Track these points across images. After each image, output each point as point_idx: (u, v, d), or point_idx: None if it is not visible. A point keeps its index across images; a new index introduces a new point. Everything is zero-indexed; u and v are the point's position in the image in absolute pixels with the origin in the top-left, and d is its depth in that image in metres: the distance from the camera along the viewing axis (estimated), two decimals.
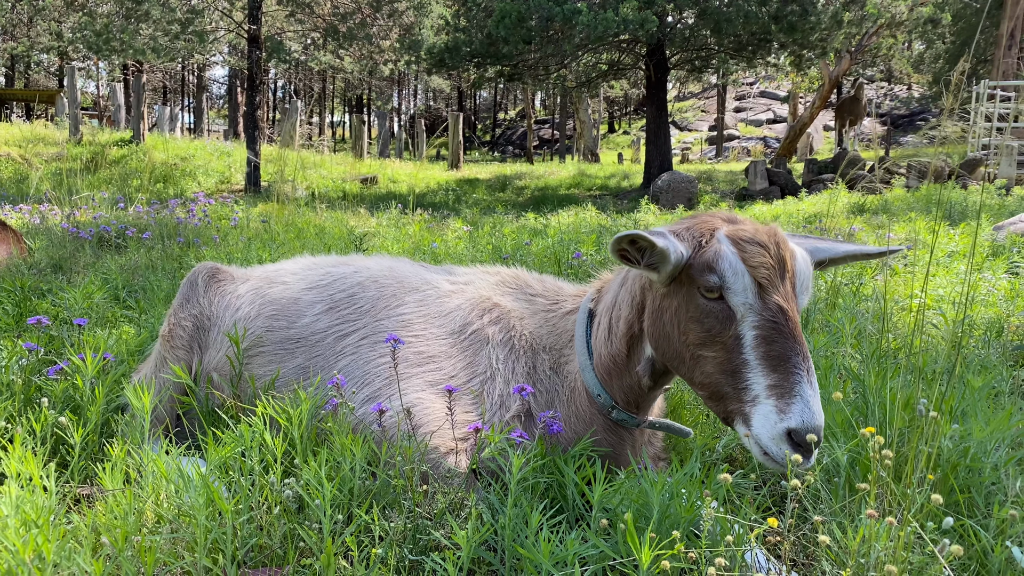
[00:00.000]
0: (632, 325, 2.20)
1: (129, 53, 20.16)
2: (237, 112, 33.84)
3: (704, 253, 1.94)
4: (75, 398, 2.60)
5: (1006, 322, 3.89)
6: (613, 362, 2.25)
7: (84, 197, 9.74)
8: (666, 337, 2.06)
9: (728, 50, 21.02)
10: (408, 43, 22.73)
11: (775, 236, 1.97)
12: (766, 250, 1.91)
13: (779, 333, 1.84)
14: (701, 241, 1.98)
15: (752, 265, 1.89)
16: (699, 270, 1.92)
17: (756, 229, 1.98)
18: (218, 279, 2.94)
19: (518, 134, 61.09)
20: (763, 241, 1.93)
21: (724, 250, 1.92)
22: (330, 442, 2.15)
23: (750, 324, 1.87)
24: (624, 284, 2.28)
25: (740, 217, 2.12)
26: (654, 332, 2.11)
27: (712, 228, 2.01)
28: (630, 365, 2.23)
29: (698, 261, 1.94)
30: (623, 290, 2.27)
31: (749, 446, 1.85)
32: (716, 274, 1.90)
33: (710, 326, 1.92)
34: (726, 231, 1.98)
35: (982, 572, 1.80)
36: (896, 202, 11.58)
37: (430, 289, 2.67)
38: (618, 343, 2.23)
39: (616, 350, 2.23)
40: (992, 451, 2.09)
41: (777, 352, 1.82)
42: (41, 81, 51.88)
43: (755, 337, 1.86)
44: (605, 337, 2.27)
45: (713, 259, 1.91)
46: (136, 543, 1.66)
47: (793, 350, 1.82)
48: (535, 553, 1.64)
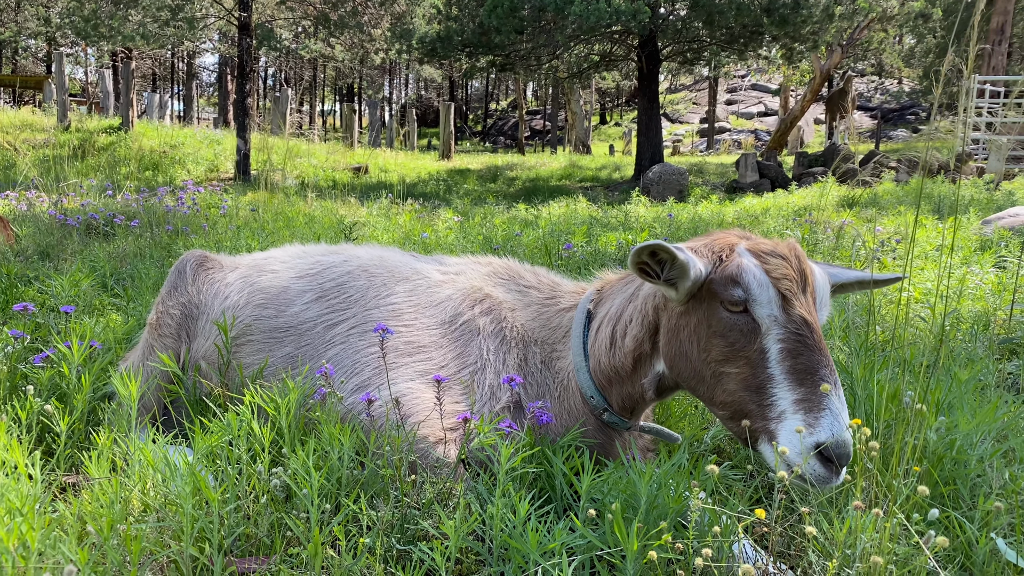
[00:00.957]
0: (642, 343, 2.18)
1: (118, 39, 19.98)
2: (227, 100, 33.63)
3: (727, 267, 1.93)
4: (61, 386, 2.59)
5: (993, 316, 3.92)
6: (615, 372, 2.24)
7: (72, 184, 9.67)
8: (684, 356, 2.04)
9: (720, 42, 21.02)
10: (400, 32, 22.63)
11: (795, 250, 1.97)
12: (787, 262, 1.91)
13: (805, 346, 1.82)
14: (721, 256, 1.97)
15: (775, 277, 1.88)
16: (722, 284, 1.91)
17: (776, 243, 1.99)
18: (206, 267, 2.92)
19: (509, 125, 60.96)
20: (784, 254, 1.93)
21: (747, 263, 1.91)
22: (318, 431, 2.14)
23: (775, 337, 1.85)
24: (632, 300, 2.25)
25: (754, 234, 2.12)
26: (670, 351, 2.09)
27: (731, 244, 2.01)
28: (634, 378, 2.22)
29: (721, 275, 1.93)
30: (631, 306, 2.24)
31: (771, 462, 1.81)
32: (741, 287, 1.89)
33: (734, 340, 1.90)
34: (746, 245, 1.98)
35: (967, 564, 1.81)
36: (886, 196, 11.63)
37: (420, 279, 2.66)
38: (623, 357, 2.21)
39: (620, 363, 2.22)
40: (978, 443, 2.11)
41: (803, 365, 1.80)
42: (29, 67, 51.43)
43: (780, 351, 1.84)
44: (607, 347, 2.25)
45: (737, 272, 1.90)
46: (122, 532, 1.65)
47: (820, 363, 1.79)
48: (523, 543, 1.64)
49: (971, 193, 10.79)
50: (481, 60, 22.39)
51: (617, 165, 26.68)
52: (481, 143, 55.65)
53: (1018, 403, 2.74)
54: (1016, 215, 7.22)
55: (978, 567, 1.75)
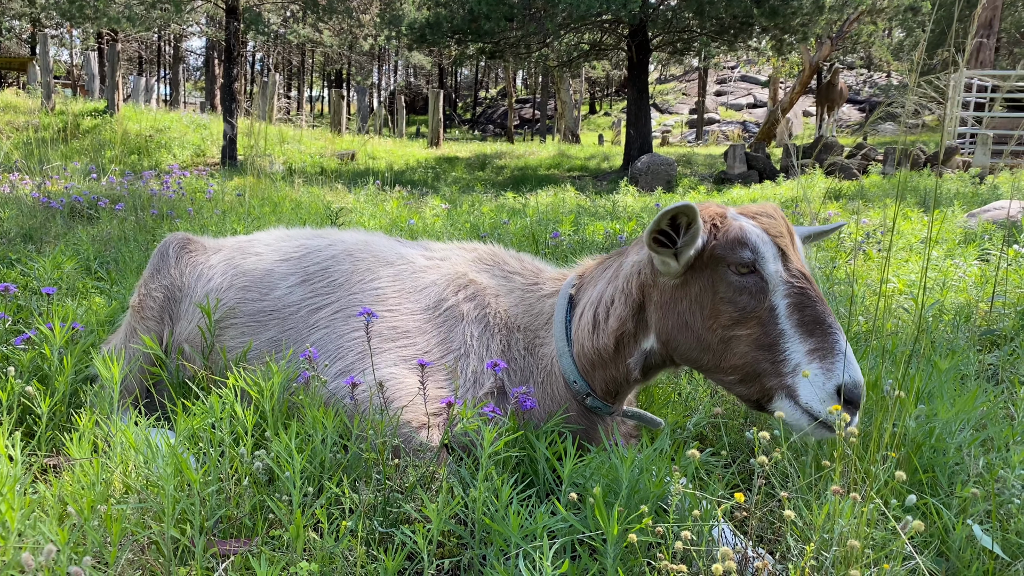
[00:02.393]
0: (625, 323, 2.18)
1: (103, 21, 19.74)
2: (214, 84, 33.36)
3: (728, 231, 1.96)
4: (43, 368, 2.57)
5: (975, 308, 3.95)
6: (598, 355, 2.24)
7: (56, 167, 9.59)
8: (685, 327, 2.05)
9: (710, 33, 21.00)
10: (389, 18, 22.49)
11: (777, 209, 2.05)
12: (776, 221, 2.00)
13: (808, 298, 1.89)
14: (715, 223, 2.00)
15: (773, 234, 1.96)
16: (728, 247, 1.95)
17: (761, 205, 2.06)
18: (189, 249, 2.90)
19: (499, 113, 60.80)
20: (771, 213, 2.02)
21: (747, 224, 1.97)
22: (302, 415, 2.14)
23: (782, 293, 1.91)
24: (613, 281, 2.25)
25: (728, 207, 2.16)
26: (667, 325, 2.08)
27: (719, 212, 2.05)
28: (618, 359, 2.22)
29: (725, 240, 1.96)
30: (611, 286, 2.24)
31: (792, 420, 1.84)
32: (748, 248, 1.93)
33: (744, 303, 1.93)
34: (736, 210, 2.05)
35: (943, 549, 1.83)
36: (872, 188, 11.68)
37: (405, 264, 2.65)
38: (606, 338, 2.21)
39: (603, 344, 2.22)
40: (957, 432, 2.13)
41: (811, 316, 1.86)
42: (13, 48, 50.74)
43: (788, 305, 1.90)
44: (590, 330, 2.26)
45: (742, 234, 1.95)
46: (103, 512, 1.64)
47: (825, 312, 1.87)
48: (504, 526, 1.65)
49: (957, 187, 10.86)
50: (471, 47, 22.28)
51: (606, 155, 26.66)
52: (470, 131, 55.49)
53: (997, 393, 2.77)
54: (1000, 208, 7.28)
55: (954, 553, 1.77)
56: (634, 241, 2.29)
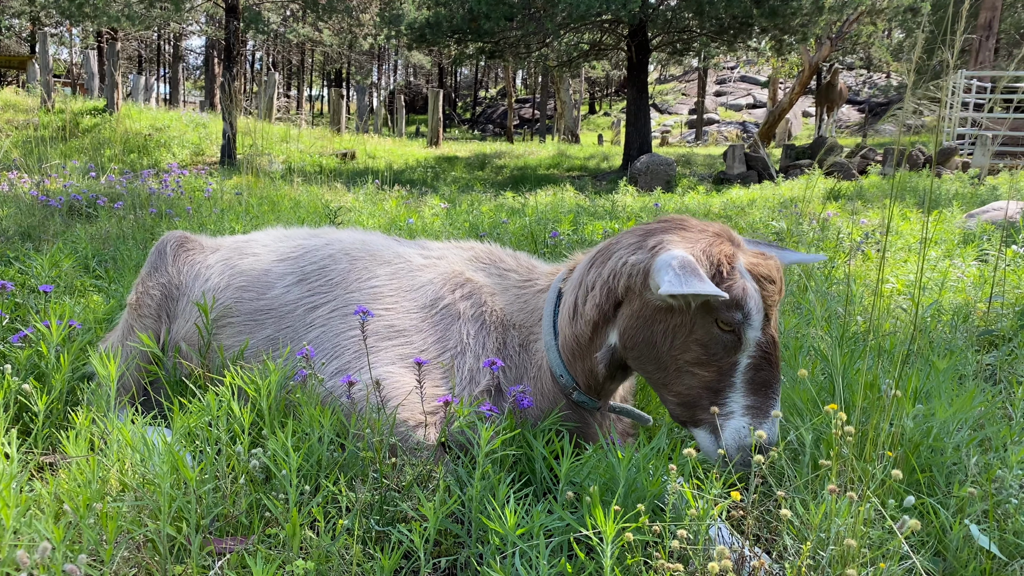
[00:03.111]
0: (601, 310, 2.17)
1: (103, 20, 19.72)
2: (213, 83, 33.35)
3: (731, 288, 1.95)
4: (40, 366, 2.57)
5: (973, 308, 3.95)
6: (576, 343, 2.24)
7: (55, 165, 9.58)
8: (650, 344, 2.06)
9: (710, 33, 20.99)
10: (388, 17, 22.48)
11: (780, 270, 2.06)
12: (776, 287, 2.02)
13: (767, 362, 1.98)
14: (720, 270, 1.98)
15: (768, 303, 1.99)
16: (723, 304, 1.94)
17: (768, 264, 2.04)
18: (187, 248, 2.90)
19: (498, 113, 60.80)
20: (774, 277, 2.02)
21: (751, 289, 1.97)
22: (298, 414, 2.14)
23: (748, 353, 1.98)
24: (598, 267, 2.21)
25: (738, 236, 2.14)
26: (634, 335, 2.09)
27: (729, 256, 2.01)
28: (591, 349, 2.22)
29: None
30: (594, 272, 2.22)
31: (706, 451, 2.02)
32: (742, 312, 1.95)
33: (715, 352, 1.98)
34: (746, 263, 2.02)
35: (940, 549, 1.83)
36: (871, 188, 11.68)
37: (402, 263, 2.65)
38: (583, 325, 2.21)
39: (580, 331, 2.22)
40: (954, 432, 2.13)
41: (762, 379, 1.97)
42: (12, 47, 50.70)
43: (748, 364, 1.97)
44: (570, 317, 2.25)
45: (742, 298, 1.95)
46: (98, 510, 1.64)
47: (775, 378, 1.98)
48: (501, 525, 1.64)
49: (956, 187, 10.86)
50: (470, 47, 22.27)
51: (605, 155, 26.67)
52: (470, 131, 55.49)
53: (995, 393, 2.77)
54: (999, 209, 7.28)
55: (951, 552, 1.77)
56: (628, 236, 2.22)
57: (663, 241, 2.07)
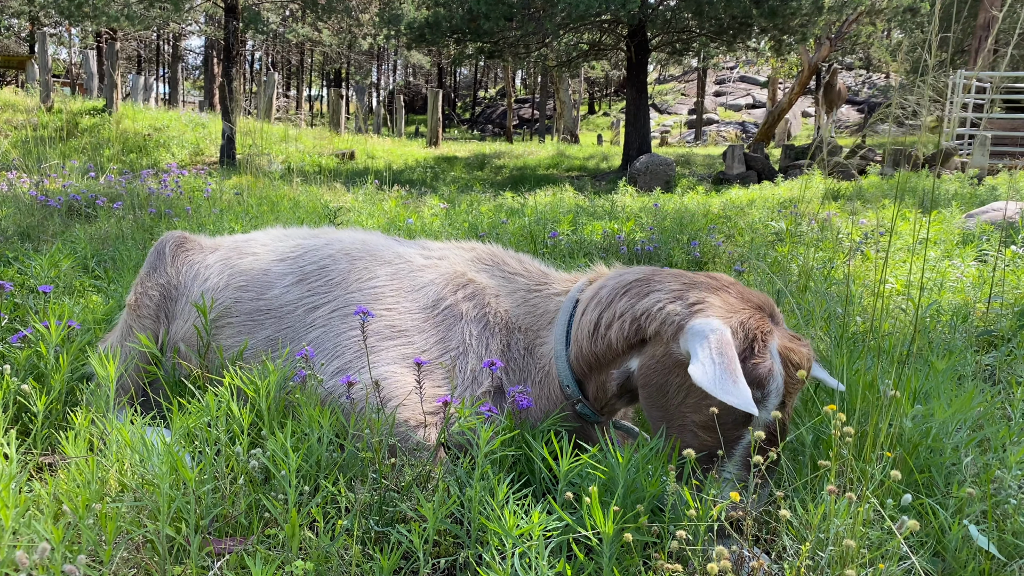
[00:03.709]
0: (630, 343, 2.14)
1: (102, 20, 19.70)
2: (213, 83, 33.32)
3: (758, 367, 1.93)
4: (39, 366, 2.57)
5: (972, 308, 3.95)
6: (595, 359, 2.22)
7: (54, 165, 9.57)
8: (663, 393, 2.04)
9: (709, 33, 21.00)
10: (388, 17, 22.47)
11: (811, 361, 2.02)
12: (803, 374, 1.96)
13: (771, 443, 1.94)
14: (754, 347, 1.95)
15: (789, 391, 1.96)
16: (746, 378, 1.90)
17: (801, 352, 1.99)
18: (186, 248, 2.90)
19: (498, 113, 60.80)
20: (804, 366, 1.98)
21: (777, 372, 1.94)
22: (298, 414, 2.14)
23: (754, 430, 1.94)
24: (634, 299, 2.16)
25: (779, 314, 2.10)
26: (650, 379, 2.07)
27: (765, 334, 1.98)
28: (609, 367, 2.20)
29: (751, 372, 1.92)
30: (625, 300, 2.17)
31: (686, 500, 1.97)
32: (763, 392, 1.92)
33: (724, 422, 1.94)
34: (779, 346, 1.98)
35: (939, 549, 1.83)
36: (871, 189, 11.68)
37: (403, 263, 2.64)
38: (603, 346, 2.18)
39: (600, 351, 2.19)
40: (953, 432, 2.13)
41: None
42: (11, 47, 50.65)
43: (751, 441, 1.92)
44: (589, 333, 2.22)
45: (767, 378, 1.92)
46: (98, 511, 1.64)
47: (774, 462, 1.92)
48: (500, 525, 1.64)
49: (955, 188, 10.86)
50: (470, 47, 22.27)
51: (605, 155, 26.67)
52: (469, 131, 55.48)
53: (994, 393, 2.77)
54: (998, 210, 7.28)
55: (951, 553, 1.77)
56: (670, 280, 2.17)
57: (704, 302, 2.03)
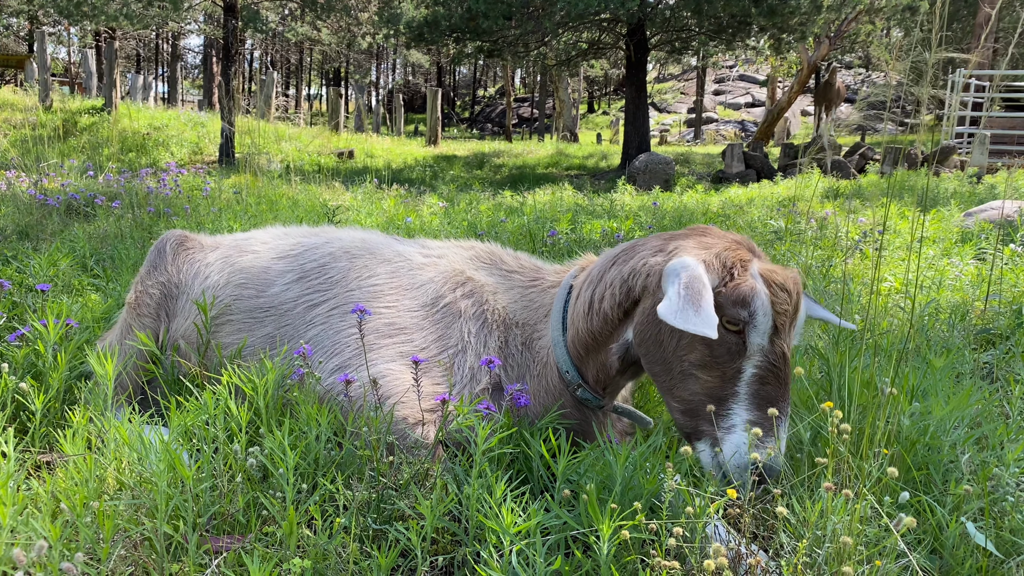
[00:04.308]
0: (623, 307, 2.17)
1: (101, 19, 19.69)
2: (212, 82, 33.30)
3: (739, 287, 1.95)
4: (37, 365, 2.57)
5: (971, 306, 3.95)
6: (592, 337, 2.24)
7: (53, 164, 9.57)
8: (658, 344, 2.06)
9: (708, 32, 20.98)
10: (387, 16, 22.45)
11: (798, 284, 2.03)
12: (790, 298, 1.97)
13: (775, 376, 1.93)
14: (732, 272, 1.98)
15: (778, 311, 1.95)
16: (730, 302, 1.94)
17: (785, 274, 2.02)
18: (187, 247, 2.90)
19: (497, 112, 60.76)
20: (790, 288, 1.99)
21: (760, 289, 1.95)
22: (296, 412, 2.14)
23: (754, 363, 1.94)
24: (619, 265, 2.21)
25: (760, 251, 2.13)
26: (646, 333, 2.09)
27: (743, 260, 2.01)
28: (607, 344, 2.22)
29: (731, 293, 1.95)
30: (615, 270, 2.21)
31: (705, 461, 1.96)
32: (748, 311, 1.93)
33: (719, 354, 1.95)
34: (760, 268, 2.00)
35: (937, 546, 1.83)
36: (869, 187, 11.68)
37: (402, 261, 2.65)
38: (598, 320, 2.21)
39: (596, 326, 2.21)
40: (951, 430, 2.13)
41: (767, 393, 1.92)
42: (10, 46, 50.61)
43: (753, 375, 1.93)
44: (584, 312, 2.24)
45: (749, 295, 1.93)
46: (95, 509, 1.64)
47: (782, 396, 1.92)
48: (498, 523, 1.64)
49: (954, 186, 10.86)
50: (469, 46, 22.25)
51: (604, 154, 26.66)
52: (468, 130, 55.46)
53: (992, 391, 2.77)
54: (997, 208, 7.28)
55: (948, 550, 1.77)
56: (653, 239, 2.23)
57: (681, 247, 2.08)
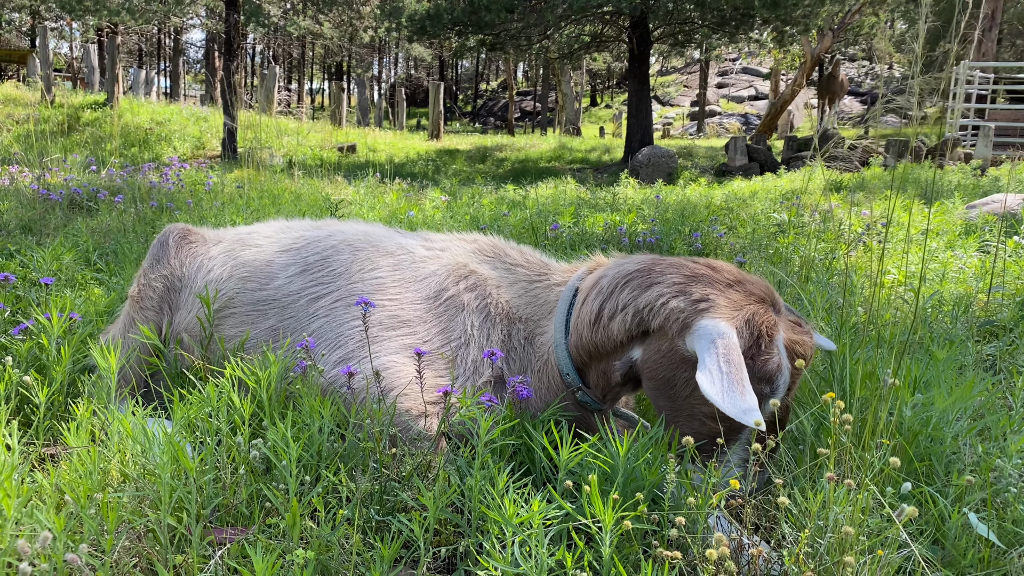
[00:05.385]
0: (632, 335, 2.14)
1: (103, 14, 19.71)
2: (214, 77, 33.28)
3: (767, 364, 1.96)
4: (41, 358, 2.57)
5: (974, 298, 3.95)
6: (594, 348, 2.23)
7: (55, 159, 9.58)
8: (670, 385, 2.05)
9: (711, 25, 20.93)
10: (389, 10, 22.42)
11: (813, 348, 2.08)
12: (806, 365, 2.02)
13: (776, 425, 1.98)
14: (760, 344, 1.97)
15: (794, 380, 2.01)
16: (755, 376, 1.94)
17: (805, 344, 2.04)
18: (189, 240, 2.91)
19: (499, 105, 60.65)
20: (807, 356, 2.04)
21: (784, 365, 1.98)
22: (299, 404, 2.14)
23: None
24: (636, 290, 2.15)
25: (779, 300, 2.10)
26: (656, 372, 2.07)
27: (771, 329, 2.00)
28: (610, 358, 2.21)
29: (759, 369, 1.96)
30: (627, 292, 2.16)
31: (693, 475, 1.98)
32: (771, 387, 1.96)
33: None
34: (785, 340, 2.02)
35: (939, 537, 1.84)
36: (873, 180, 11.67)
37: (405, 254, 2.65)
38: (604, 336, 2.18)
39: (600, 341, 2.20)
40: (953, 421, 2.13)
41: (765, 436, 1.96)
42: (12, 41, 50.61)
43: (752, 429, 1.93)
44: (590, 322, 2.22)
45: (775, 374, 1.97)
46: (99, 501, 1.65)
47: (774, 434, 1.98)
48: (500, 514, 1.65)
49: (958, 179, 10.83)
50: (471, 39, 22.22)
51: (607, 147, 26.62)
52: (471, 123, 55.39)
53: (995, 383, 2.77)
54: (1000, 201, 7.26)
55: (950, 541, 1.77)
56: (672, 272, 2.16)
57: (709, 299, 2.02)
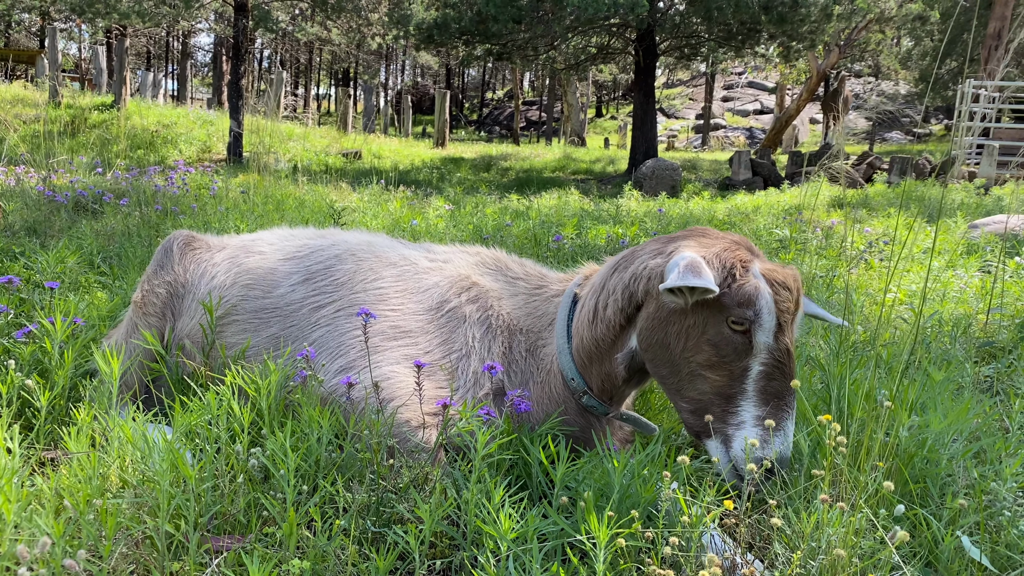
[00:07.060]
0: (626, 313, 2.21)
1: (113, 16, 19.80)
2: (221, 81, 33.42)
3: (743, 287, 2.00)
4: (43, 362, 2.59)
5: (974, 319, 3.95)
6: (596, 346, 2.26)
7: (62, 161, 9.61)
8: (664, 347, 2.10)
9: (717, 38, 21.00)
10: (397, 17, 22.50)
11: (798, 281, 2.09)
12: (791, 294, 2.03)
13: (781, 373, 1.99)
14: (734, 273, 2.03)
15: (781, 309, 2.01)
16: (735, 302, 1.99)
17: (785, 272, 2.07)
18: (194, 247, 2.92)
19: (505, 114, 60.78)
20: (791, 286, 2.05)
21: (763, 289, 2.00)
22: (298, 414, 2.15)
23: (760, 360, 1.99)
24: (620, 272, 2.26)
25: (758, 249, 2.18)
26: (651, 337, 2.13)
27: (744, 261, 2.06)
28: (612, 352, 2.24)
29: (736, 294, 2.00)
30: (616, 277, 2.26)
31: (716, 456, 2.01)
32: (753, 310, 1.98)
33: (725, 353, 2.01)
34: (761, 268, 2.06)
35: (932, 560, 1.84)
36: (876, 197, 11.68)
37: (408, 265, 2.67)
38: (603, 328, 2.24)
39: (600, 334, 2.24)
40: (949, 443, 2.14)
41: (774, 389, 1.98)
42: (22, 41, 50.85)
43: (760, 372, 1.99)
44: (589, 320, 2.28)
45: (754, 295, 1.99)
46: (98, 506, 1.66)
47: (788, 390, 1.98)
48: (496, 528, 1.66)
49: (961, 197, 10.84)
50: (478, 48, 22.30)
51: (611, 158, 26.66)
52: (476, 132, 55.51)
53: (992, 405, 2.78)
54: (1002, 221, 7.27)
55: (943, 564, 1.78)
56: (652, 243, 2.27)
57: (680, 247, 2.13)
